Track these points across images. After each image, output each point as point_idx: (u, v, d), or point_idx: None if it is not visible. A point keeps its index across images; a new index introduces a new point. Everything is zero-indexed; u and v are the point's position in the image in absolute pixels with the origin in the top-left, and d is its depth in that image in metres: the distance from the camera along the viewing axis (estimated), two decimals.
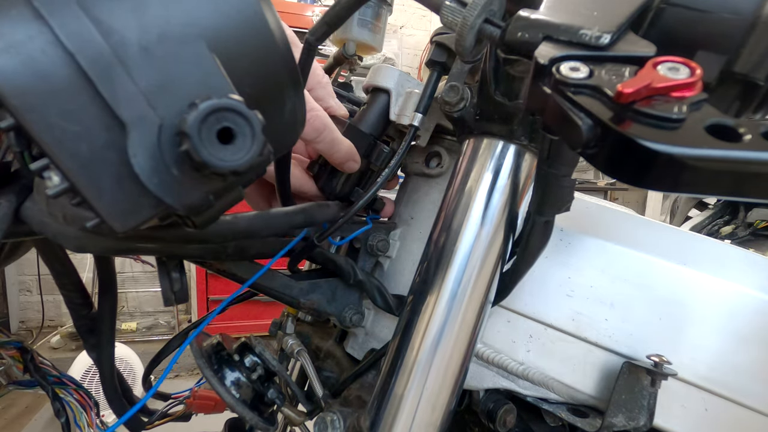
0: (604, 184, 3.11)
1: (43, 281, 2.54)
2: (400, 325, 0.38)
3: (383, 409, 0.37)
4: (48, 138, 0.18)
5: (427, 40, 3.36)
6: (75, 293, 0.43)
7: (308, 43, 0.36)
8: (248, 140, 0.19)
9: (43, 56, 0.18)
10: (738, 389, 0.42)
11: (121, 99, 0.19)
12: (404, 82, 0.49)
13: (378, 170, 0.49)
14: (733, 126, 0.17)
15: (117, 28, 0.19)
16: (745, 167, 0.17)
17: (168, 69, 0.20)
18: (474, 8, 0.26)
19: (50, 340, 2.44)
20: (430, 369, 0.36)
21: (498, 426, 0.42)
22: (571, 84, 0.20)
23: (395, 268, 0.49)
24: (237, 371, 0.40)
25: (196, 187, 0.20)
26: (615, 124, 0.18)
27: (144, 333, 2.70)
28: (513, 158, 0.35)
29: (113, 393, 0.47)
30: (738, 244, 0.49)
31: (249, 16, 0.22)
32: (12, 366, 0.48)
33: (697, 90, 0.19)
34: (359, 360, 0.49)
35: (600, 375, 0.42)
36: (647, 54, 0.21)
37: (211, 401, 0.55)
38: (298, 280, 0.43)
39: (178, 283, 0.32)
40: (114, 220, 0.19)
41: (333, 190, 0.48)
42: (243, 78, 0.22)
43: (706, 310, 0.42)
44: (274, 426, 0.41)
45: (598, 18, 0.23)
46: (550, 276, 0.43)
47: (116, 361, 0.46)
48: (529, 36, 0.24)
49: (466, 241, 0.35)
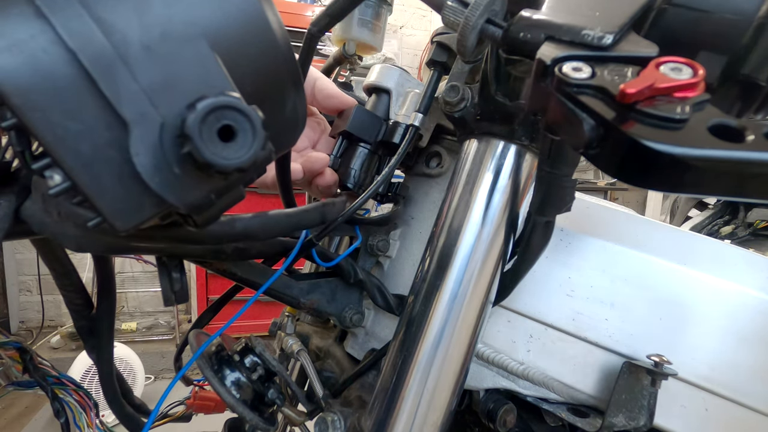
0: (604, 184, 3.11)
1: (43, 281, 2.53)
2: (400, 324, 0.38)
3: (384, 409, 0.37)
4: (50, 137, 0.18)
5: (427, 40, 3.36)
6: (75, 294, 0.43)
7: (310, 33, 0.36)
8: (249, 137, 0.19)
9: (45, 55, 0.18)
10: (738, 389, 0.42)
11: (123, 97, 0.19)
12: (405, 82, 0.49)
13: (395, 151, 0.49)
14: (736, 126, 0.17)
15: (119, 26, 0.19)
16: (747, 168, 0.17)
17: (170, 67, 0.20)
18: (476, 8, 0.26)
19: (50, 340, 2.44)
20: (431, 369, 0.36)
21: (498, 426, 0.42)
22: (573, 84, 0.20)
23: (395, 268, 0.49)
24: (237, 371, 0.40)
25: (198, 186, 0.20)
26: (618, 124, 0.18)
27: (144, 333, 2.70)
28: (514, 158, 0.35)
29: (113, 393, 0.47)
30: (738, 244, 0.49)
31: (250, 15, 0.22)
32: (11, 366, 0.48)
33: (700, 90, 0.19)
34: (359, 360, 0.49)
35: (600, 375, 0.42)
36: (650, 54, 0.21)
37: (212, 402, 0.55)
38: (298, 280, 0.43)
39: (178, 283, 0.31)
40: (116, 219, 0.19)
41: (355, 179, 0.48)
42: (244, 77, 0.22)
43: (706, 310, 0.42)
44: (274, 426, 0.41)
45: (600, 18, 0.23)
46: (550, 276, 0.43)
47: (116, 361, 0.46)
48: (531, 36, 0.24)
49: (466, 241, 0.35)
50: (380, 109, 0.50)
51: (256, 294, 0.40)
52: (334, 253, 0.45)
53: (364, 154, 0.48)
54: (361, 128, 0.48)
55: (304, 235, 0.42)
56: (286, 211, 0.37)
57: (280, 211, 0.36)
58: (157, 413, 0.40)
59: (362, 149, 0.48)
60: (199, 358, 0.39)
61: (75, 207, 0.21)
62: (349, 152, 0.49)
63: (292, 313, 0.60)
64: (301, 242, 0.41)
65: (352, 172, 0.48)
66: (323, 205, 0.39)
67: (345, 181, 0.48)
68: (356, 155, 0.48)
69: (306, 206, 0.39)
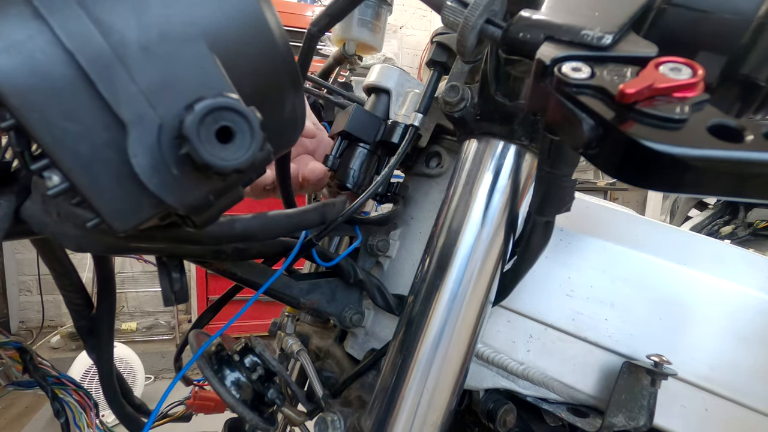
0: (604, 184, 3.11)
1: (43, 281, 2.54)
2: (400, 324, 0.38)
3: (384, 409, 0.37)
4: (48, 137, 0.18)
5: (427, 40, 3.36)
6: (75, 294, 0.43)
7: (310, 33, 0.36)
8: (248, 138, 0.18)
9: (43, 56, 0.18)
10: (738, 389, 0.42)
11: (121, 98, 0.19)
12: (404, 82, 0.49)
13: (394, 151, 0.49)
14: (736, 126, 0.17)
15: (117, 27, 0.19)
16: (747, 168, 0.17)
17: (168, 68, 0.20)
18: (476, 8, 0.26)
19: (50, 340, 2.44)
20: (431, 369, 0.36)
21: (498, 426, 0.42)
22: (573, 84, 0.20)
23: (395, 268, 0.49)
24: (237, 371, 0.40)
25: (196, 187, 0.20)
26: (617, 124, 0.18)
27: (144, 333, 2.70)
28: (513, 158, 0.35)
29: (113, 393, 0.47)
30: (738, 244, 0.49)
31: (249, 15, 0.22)
32: (11, 366, 0.48)
33: (699, 90, 0.19)
34: (359, 360, 0.49)
35: (600, 375, 0.42)
36: (649, 54, 0.21)
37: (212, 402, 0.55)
38: (298, 280, 0.43)
39: (178, 283, 0.31)
40: (114, 220, 0.19)
41: (354, 179, 0.48)
42: (243, 78, 0.22)
43: (706, 310, 0.42)
44: (274, 426, 0.41)
45: (599, 18, 0.23)
46: (550, 276, 0.43)
47: (116, 361, 0.46)
48: (530, 36, 0.24)
49: (466, 241, 0.35)
50: (380, 109, 0.50)
51: (256, 294, 0.40)
52: (334, 253, 0.45)
53: (363, 154, 0.48)
54: (360, 128, 0.48)
55: (304, 235, 0.42)
56: (286, 211, 0.37)
57: (280, 211, 0.36)
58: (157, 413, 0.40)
59: (361, 149, 0.48)
60: (199, 358, 0.39)
61: (74, 207, 0.21)
62: (348, 152, 0.49)
63: (292, 313, 0.60)
64: (301, 242, 0.41)
65: (352, 172, 0.48)
66: (323, 206, 0.39)
67: (344, 181, 0.48)
68: (355, 155, 0.48)
69: (306, 207, 0.39)
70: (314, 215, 0.38)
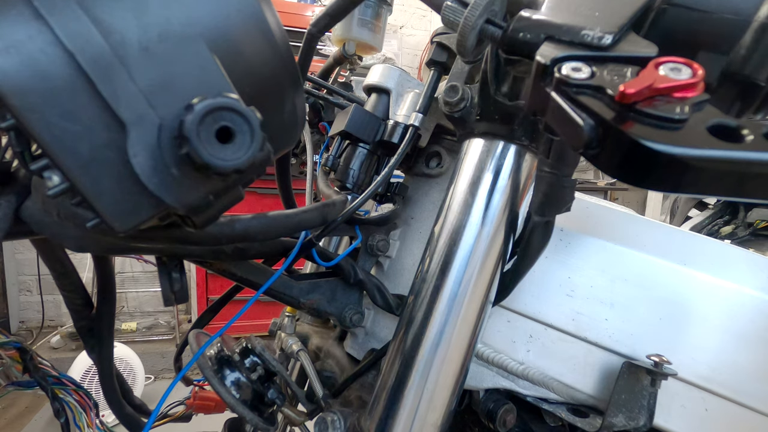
0: (604, 184, 3.11)
1: (43, 281, 2.54)
2: (400, 324, 0.38)
3: (384, 409, 0.37)
4: (48, 137, 0.18)
5: (427, 40, 3.36)
6: (75, 294, 0.43)
7: (310, 33, 0.36)
8: (247, 138, 0.18)
9: (43, 56, 0.18)
10: (738, 389, 0.42)
11: (121, 99, 0.19)
12: (404, 82, 0.49)
13: (394, 151, 0.49)
14: (735, 126, 0.17)
15: (117, 27, 0.19)
16: (747, 168, 0.17)
17: (168, 69, 0.20)
18: (476, 9, 0.26)
19: (50, 340, 2.44)
20: (431, 369, 0.36)
21: (498, 426, 0.42)
22: (573, 84, 0.20)
23: (395, 268, 0.49)
24: (237, 371, 0.40)
25: (196, 187, 0.20)
26: (617, 124, 0.18)
27: (144, 333, 2.70)
28: (513, 158, 0.35)
29: (112, 393, 0.47)
30: (738, 244, 0.49)
31: (249, 15, 0.22)
32: (11, 366, 0.48)
33: (699, 90, 0.19)
34: (359, 360, 0.49)
35: (600, 375, 0.42)
36: (649, 54, 0.21)
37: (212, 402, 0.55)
38: (298, 280, 0.43)
39: (178, 283, 0.31)
40: (114, 220, 0.19)
41: (354, 179, 0.48)
42: (243, 78, 0.22)
43: (707, 310, 0.42)
44: (274, 426, 0.41)
45: (599, 18, 0.23)
46: (550, 276, 0.43)
47: (116, 361, 0.46)
48: (530, 36, 0.24)
49: (466, 242, 0.35)
50: (380, 109, 0.50)
51: (256, 294, 0.40)
52: (334, 253, 0.45)
53: (363, 154, 0.48)
54: (360, 128, 0.48)
55: (304, 235, 0.42)
56: (286, 212, 0.37)
57: (280, 212, 0.36)
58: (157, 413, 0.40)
59: (361, 149, 0.48)
60: (199, 359, 0.39)
61: (74, 207, 0.21)
62: (348, 152, 0.49)
63: (292, 313, 0.60)
64: (301, 242, 0.41)
65: (351, 172, 0.48)
66: (323, 206, 0.39)
67: (344, 181, 0.48)
68: (355, 155, 0.48)
69: (306, 207, 0.39)
70: (314, 215, 0.38)
